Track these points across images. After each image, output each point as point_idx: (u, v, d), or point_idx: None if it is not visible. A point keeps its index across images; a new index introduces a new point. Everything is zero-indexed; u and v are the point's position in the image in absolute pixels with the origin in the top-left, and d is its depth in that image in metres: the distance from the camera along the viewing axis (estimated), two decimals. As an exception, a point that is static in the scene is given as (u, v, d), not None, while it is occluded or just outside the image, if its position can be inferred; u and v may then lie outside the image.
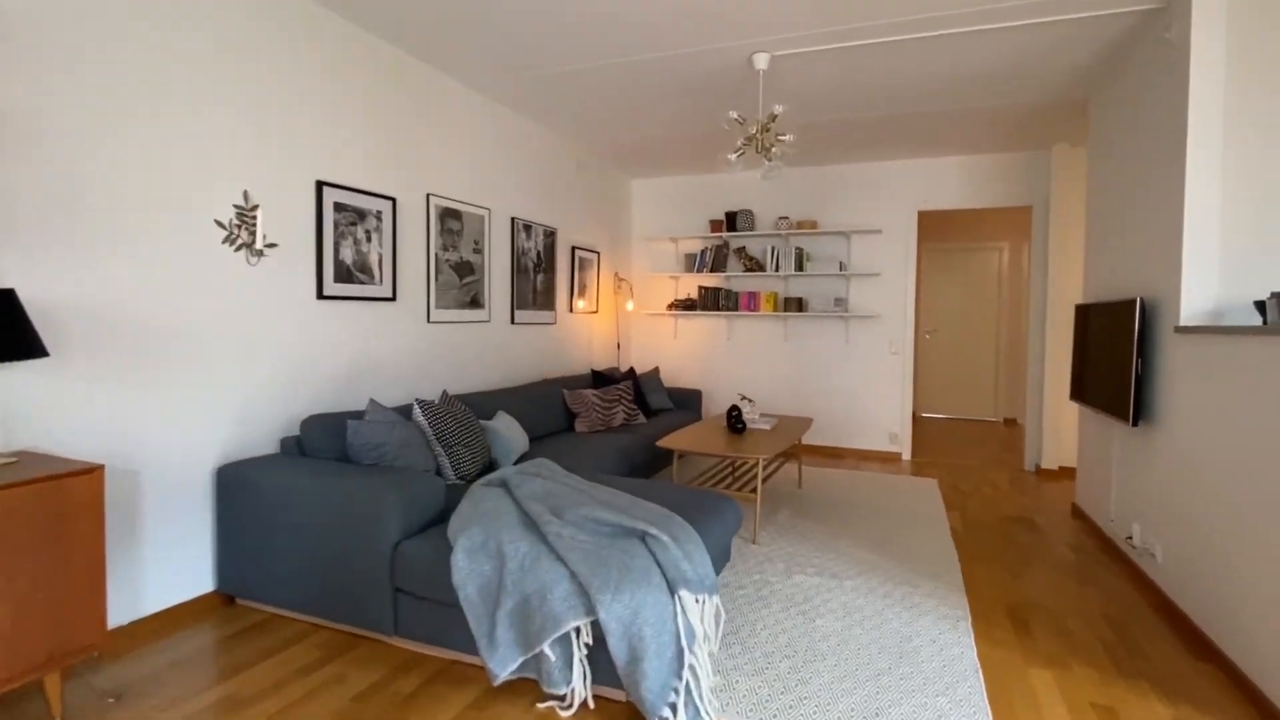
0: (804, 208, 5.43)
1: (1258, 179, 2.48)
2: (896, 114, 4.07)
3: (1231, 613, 2.13)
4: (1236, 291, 2.50)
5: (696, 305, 5.58)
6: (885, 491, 4.18)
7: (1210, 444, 2.32)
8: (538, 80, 3.56)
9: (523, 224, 4.17)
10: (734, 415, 3.55)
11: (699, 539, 2.09)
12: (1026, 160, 4.93)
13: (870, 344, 5.31)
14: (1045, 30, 2.94)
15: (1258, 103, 2.47)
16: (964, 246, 7.57)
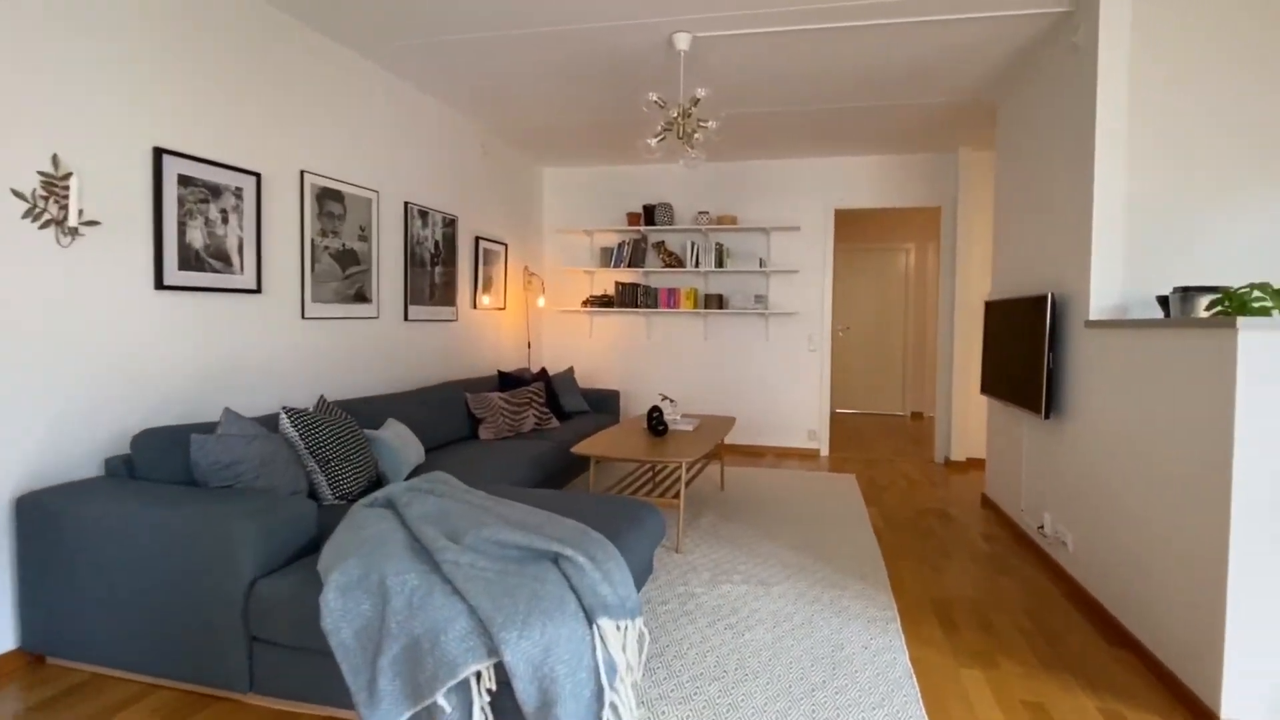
0: (724, 203, 5.40)
1: (1159, 180, 2.62)
2: (816, 108, 4.08)
3: (1142, 599, 2.20)
4: (1141, 287, 2.63)
5: (613, 302, 5.40)
6: (807, 489, 4.18)
7: (1117, 434, 2.41)
8: (433, 49, 3.24)
9: (418, 210, 3.82)
10: (654, 417, 3.39)
11: (620, 556, 1.90)
12: (935, 162, 5.14)
13: (789, 341, 5.35)
14: (959, 29, 3.00)
15: (1160, 107, 2.61)
16: (873, 246, 7.88)
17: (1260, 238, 2.57)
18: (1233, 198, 2.57)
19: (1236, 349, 1.73)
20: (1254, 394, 1.72)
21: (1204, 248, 2.61)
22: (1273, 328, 1.69)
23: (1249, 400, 1.73)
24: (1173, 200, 2.61)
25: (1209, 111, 2.57)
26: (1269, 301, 1.95)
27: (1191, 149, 2.60)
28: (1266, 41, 2.51)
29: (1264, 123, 2.53)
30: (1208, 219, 2.59)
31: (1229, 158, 2.57)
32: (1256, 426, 1.72)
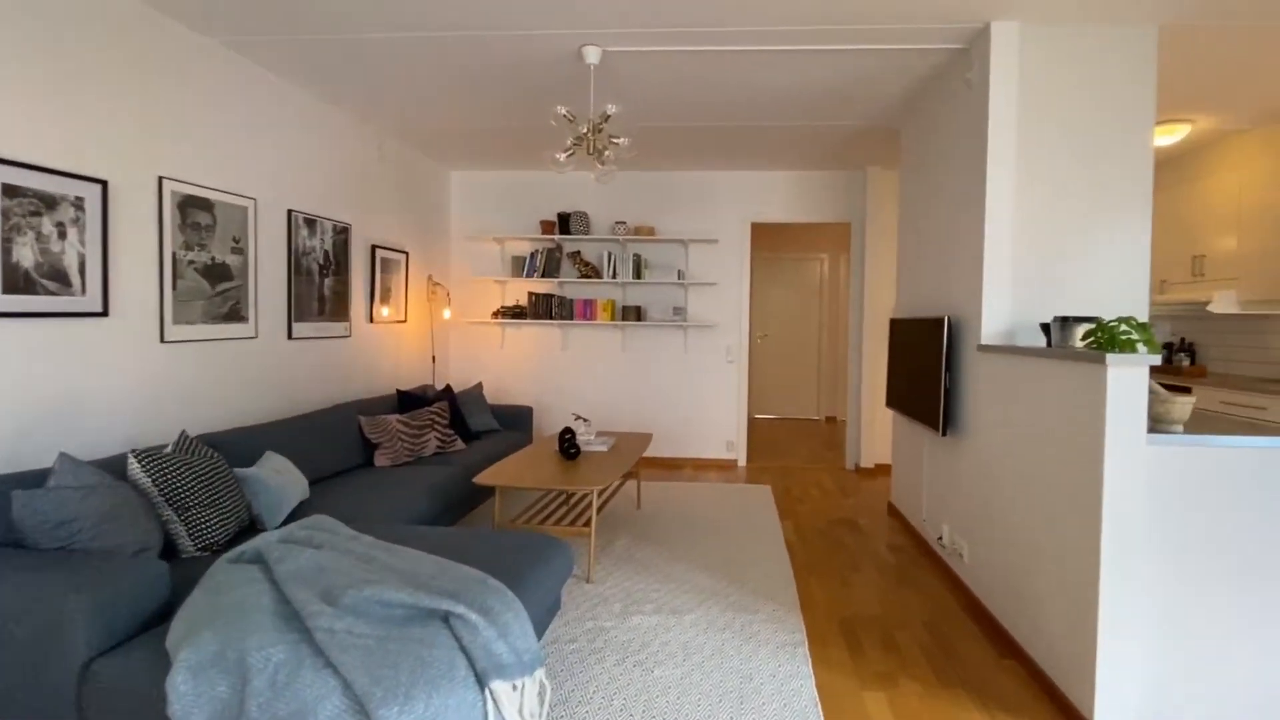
0: (642, 213, 5.38)
1: (1044, 211, 2.81)
2: (732, 125, 4.14)
3: (1027, 611, 2.35)
4: (1031, 311, 2.82)
5: (526, 313, 5.26)
6: (723, 504, 4.23)
7: (1005, 452, 2.57)
8: (321, 48, 3.02)
9: (304, 218, 3.54)
10: (566, 439, 3.31)
11: (519, 605, 1.82)
12: (845, 179, 5.35)
13: (708, 353, 5.41)
14: (865, 59, 3.11)
15: (1046, 144, 2.80)
16: (790, 256, 8.15)
17: (1128, 265, 2.81)
18: (1105, 230, 2.81)
19: (1106, 381, 1.87)
20: (1120, 420, 1.87)
21: (1085, 275, 2.83)
22: (1134, 364, 1.84)
23: (1116, 426, 1.87)
24: (1056, 231, 2.81)
25: (1085, 150, 2.79)
26: (1134, 334, 2.13)
27: (1070, 184, 2.81)
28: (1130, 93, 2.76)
29: (1128, 162, 2.78)
30: (1086, 249, 2.81)
31: (1104, 193, 2.80)
32: (1122, 450, 1.87)
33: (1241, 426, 2.12)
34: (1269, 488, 1.90)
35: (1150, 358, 1.85)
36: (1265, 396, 3.70)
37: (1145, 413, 1.87)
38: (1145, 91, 2.77)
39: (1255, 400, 3.77)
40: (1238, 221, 4.26)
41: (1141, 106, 2.78)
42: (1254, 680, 1.93)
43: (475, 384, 4.68)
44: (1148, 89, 2.77)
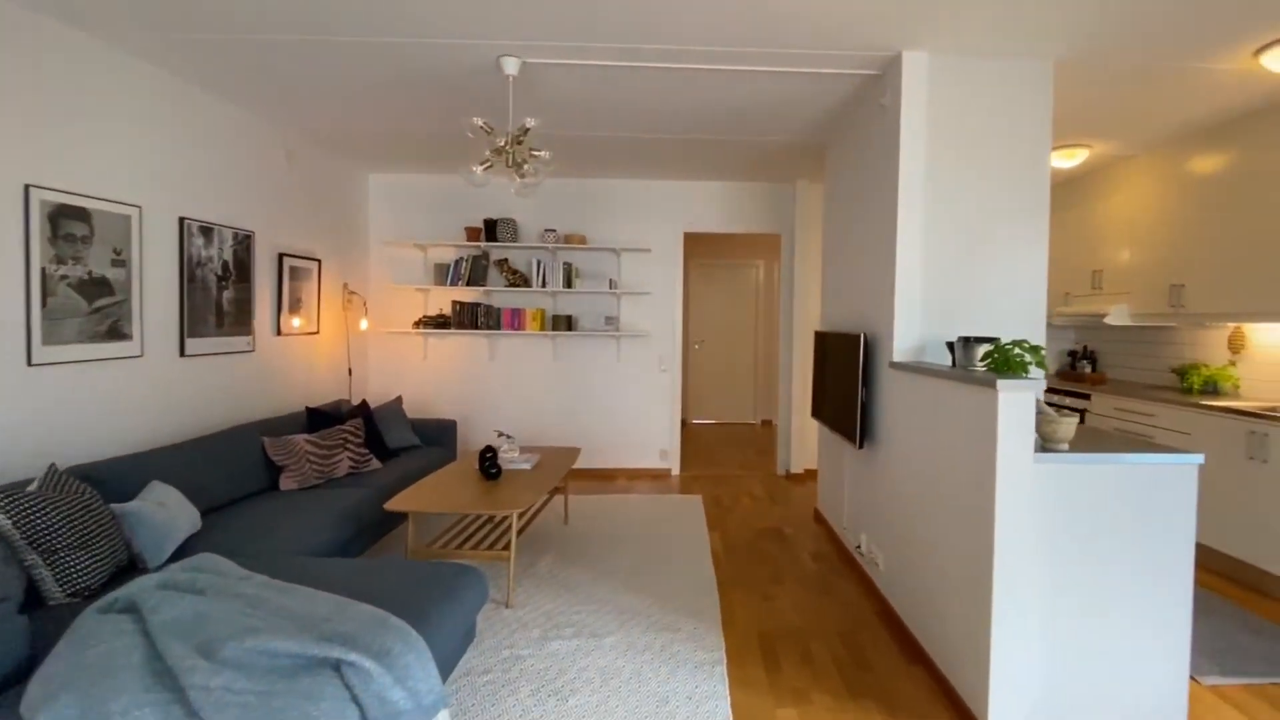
0: (573, 221, 5.35)
1: (954, 232, 2.96)
2: (661, 138, 4.17)
3: (932, 617, 2.48)
4: (942, 328, 2.97)
5: (451, 323, 5.14)
6: (653, 516, 4.26)
7: (913, 465, 2.70)
8: (216, 48, 2.85)
9: (199, 225, 3.34)
10: (487, 458, 3.26)
11: (422, 644, 1.78)
12: (776, 192, 5.49)
13: (641, 362, 5.44)
14: (786, 81, 3.20)
15: (954, 167, 2.95)
16: (728, 262, 8.31)
17: (1028, 283, 3.00)
18: (1007, 250, 2.98)
19: (997, 404, 2.00)
20: (1009, 439, 2.00)
21: (990, 292, 3.00)
22: (1022, 388, 1.97)
23: (1006, 445, 2.00)
24: (964, 250, 2.97)
25: (989, 174, 2.96)
26: (1027, 356, 2.29)
27: (977, 206, 2.97)
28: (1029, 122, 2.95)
29: (1028, 186, 2.97)
30: (991, 267, 2.99)
31: (1006, 215, 2.98)
32: (1011, 467, 2.00)
33: (1118, 442, 2.30)
34: (1132, 500, 2.08)
35: (1037, 383, 1.98)
36: (1153, 404, 4.03)
37: (1032, 433, 2.01)
38: (1042, 121, 2.97)
39: (1145, 408, 4.11)
40: (1130, 239, 4.62)
41: (1039, 134, 2.97)
42: (1133, 679, 2.10)
43: (395, 398, 4.54)
44: (1044, 118, 2.96)
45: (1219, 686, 2.41)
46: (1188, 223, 4.09)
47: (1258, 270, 3.60)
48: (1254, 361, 4.03)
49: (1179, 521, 2.09)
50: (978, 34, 2.72)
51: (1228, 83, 3.23)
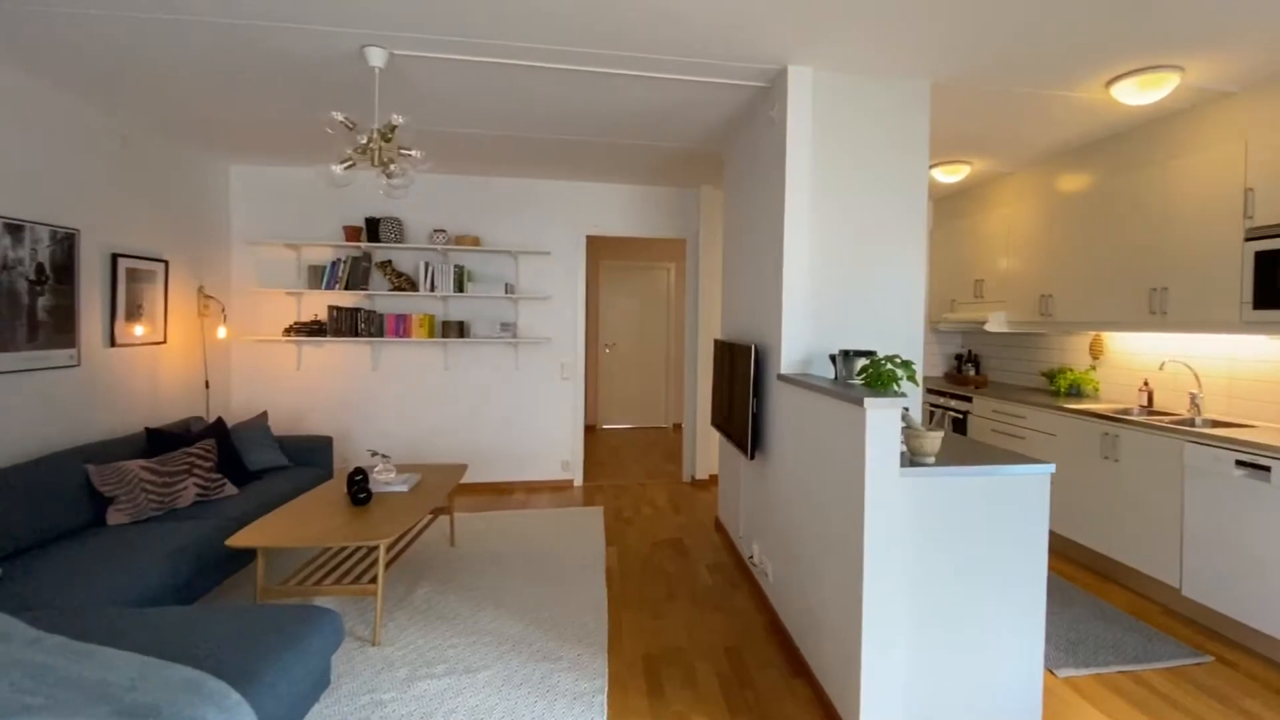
0: (465, 221, 5.14)
1: (840, 245, 3.04)
2: (552, 138, 4.07)
3: (813, 629, 2.52)
4: (826, 340, 3.04)
5: (327, 329, 4.81)
6: (549, 532, 4.15)
7: (796, 477, 2.74)
8: (25, 20, 2.49)
9: (3, 224, 2.92)
10: (356, 482, 3.04)
11: (245, 708, 1.60)
12: (680, 197, 5.50)
13: (541, 370, 5.31)
14: (678, 87, 3.19)
15: (840, 181, 3.02)
16: (639, 264, 8.30)
17: (908, 294, 3.13)
18: (890, 262, 3.10)
19: (865, 420, 2.04)
20: (876, 454, 2.04)
21: (873, 304, 3.10)
22: (889, 405, 2.02)
23: (873, 459, 2.04)
24: (850, 263, 3.06)
25: (873, 188, 3.06)
26: (900, 371, 2.36)
27: (861, 219, 3.07)
28: (908, 139, 3.07)
29: (908, 201, 3.09)
30: (874, 279, 3.09)
31: (889, 228, 3.09)
32: (878, 481, 2.05)
33: (983, 452, 2.42)
34: (991, 509, 2.19)
35: (901, 400, 2.04)
36: (1024, 407, 4.33)
37: (898, 448, 2.06)
38: (921, 138, 3.10)
39: (1017, 410, 4.41)
40: (1007, 251, 4.95)
41: (918, 151, 3.11)
42: (993, 680, 2.20)
43: (259, 414, 4.18)
44: (922, 136, 3.10)
45: (1073, 678, 2.58)
46: (1055, 237, 4.43)
47: (1112, 283, 3.93)
48: (1111, 366, 4.41)
49: (1033, 527, 2.22)
50: (859, 52, 2.80)
51: (1085, 110, 3.50)
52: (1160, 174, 3.59)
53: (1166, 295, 3.54)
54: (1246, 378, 3.47)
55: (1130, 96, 3.14)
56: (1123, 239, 3.85)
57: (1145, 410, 3.96)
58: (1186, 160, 3.44)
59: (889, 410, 2.03)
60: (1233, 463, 2.91)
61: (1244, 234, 3.12)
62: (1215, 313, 3.26)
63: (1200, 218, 3.36)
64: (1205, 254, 3.32)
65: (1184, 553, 3.16)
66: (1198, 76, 3.05)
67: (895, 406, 2.03)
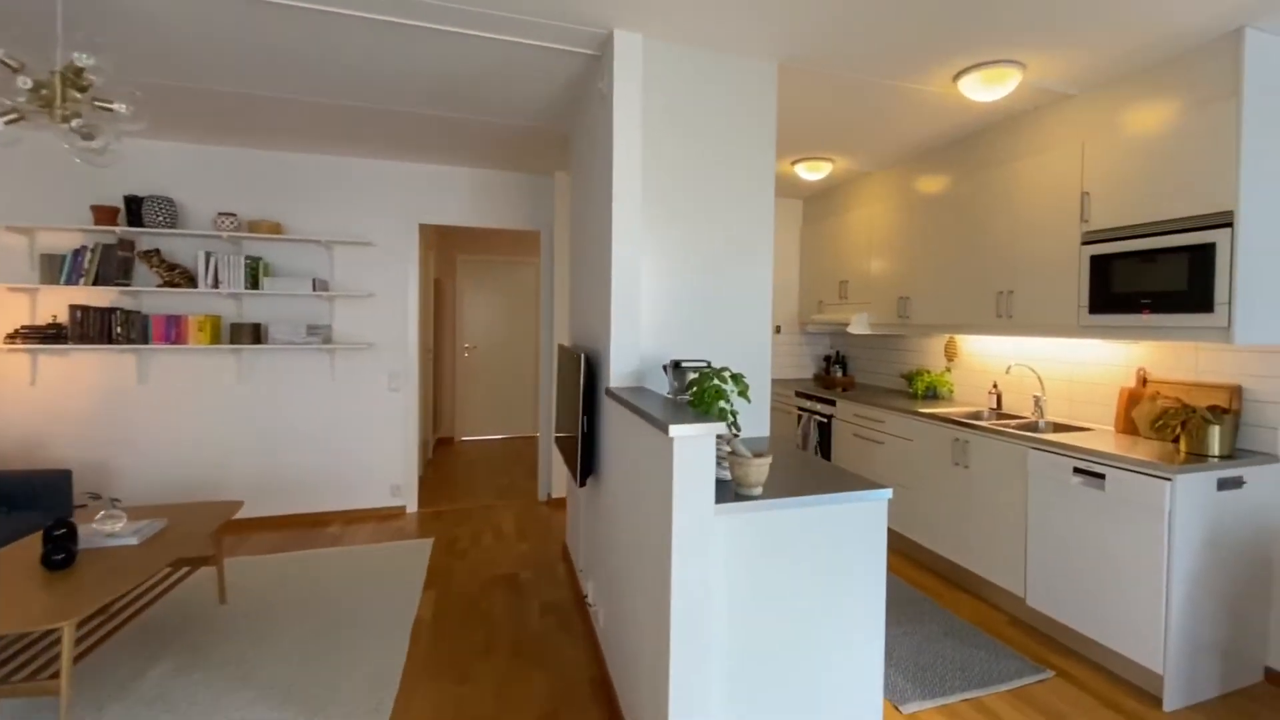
0: (262, 204, 4.41)
1: (681, 240, 2.72)
2: (374, 108, 3.50)
3: (632, 684, 2.19)
4: (667, 349, 2.72)
5: (68, 334, 3.93)
6: (355, 576, 3.58)
7: (620, 507, 2.40)
8: None
9: None
10: (55, 539, 2.36)
11: None
12: (533, 184, 5.05)
13: (364, 380, 4.67)
14: (498, 49, 2.77)
15: (681, 170, 2.71)
16: (502, 259, 7.76)
17: (756, 297, 2.89)
18: (736, 263, 2.84)
19: (672, 449, 1.72)
20: (686, 486, 1.73)
21: (718, 308, 2.82)
22: (701, 432, 1.71)
23: (683, 493, 1.73)
24: (696, 261, 2.76)
25: (718, 180, 2.78)
26: (732, 385, 2.08)
27: (705, 212, 2.78)
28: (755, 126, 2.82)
29: (754, 196, 2.85)
30: (720, 281, 2.81)
31: (734, 226, 2.82)
32: (688, 517, 1.74)
33: (822, 477, 2.18)
34: (823, 542, 1.95)
35: (717, 425, 1.74)
36: (883, 411, 4.29)
37: (711, 480, 1.76)
38: (767, 125, 2.87)
39: (876, 414, 4.37)
40: (869, 252, 4.94)
41: (764, 140, 2.87)
42: (826, 744, 1.97)
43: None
44: (769, 122, 2.87)
45: (917, 713, 2.43)
46: (912, 239, 4.43)
47: (963, 286, 3.94)
48: (964, 368, 4.48)
49: (870, 561, 2.00)
50: (695, 20, 2.51)
51: (939, 107, 3.45)
52: (1006, 175, 3.61)
53: (1012, 298, 3.56)
54: (1084, 381, 3.55)
55: (976, 92, 3.09)
56: (973, 241, 3.87)
57: (995, 413, 4.01)
58: (1030, 162, 3.46)
59: (700, 438, 1.72)
60: (1070, 469, 2.91)
61: (1081, 237, 3.15)
62: (1056, 317, 3.28)
63: (1042, 221, 3.38)
64: (1047, 257, 3.35)
65: (1028, 561, 3.15)
66: (1038, 74, 3.04)
67: (708, 433, 1.72)
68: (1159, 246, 2.76)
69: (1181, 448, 2.77)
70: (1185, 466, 2.51)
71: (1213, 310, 2.56)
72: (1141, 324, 2.83)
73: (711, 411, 1.96)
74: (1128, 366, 3.31)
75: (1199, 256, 2.60)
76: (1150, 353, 3.21)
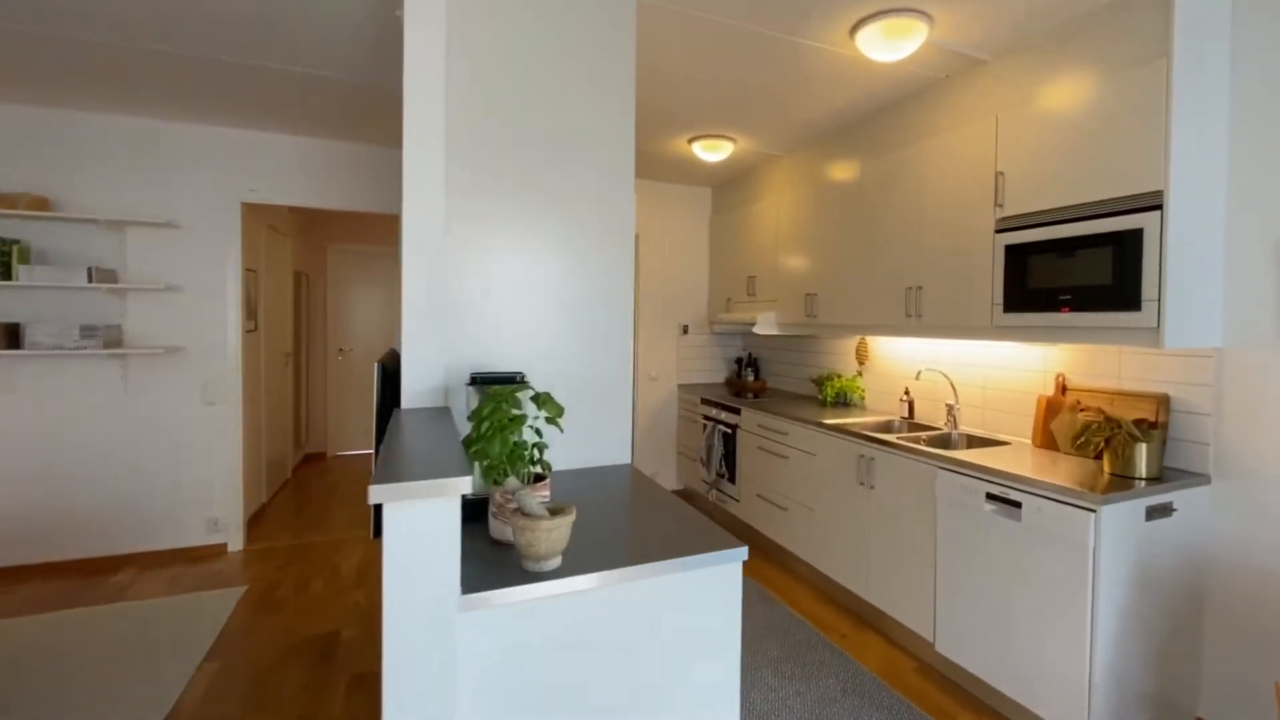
0: (25, 174, 3.57)
1: (513, 226, 2.15)
2: (157, 50, 2.78)
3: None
4: (493, 357, 2.15)
5: None
6: (123, 642, 2.84)
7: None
8: None
9: None
10: None
11: None
12: (385, 157, 4.36)
13: (170, 393, 3.88)
14: None
15: (503, 127, 2.13)
16: (380, 249, 7.01)
17: (613, 294, 2.36)
18: (596, 247, 2.29)
19: (386, 529, 1.15)
20: (409, 576, 1.17)
21: (562, 306, 2.28)
22: (424, 502, 1.14)
23: (394, 582, 1.17)
24: (538, 242, 2.20)
25: (564, 141, 2.22)
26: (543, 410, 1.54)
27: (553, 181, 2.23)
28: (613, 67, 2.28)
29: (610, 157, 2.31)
30: (576, 269, 2.27)
31: (586, 200, 2.28)
32: (412, 625, 1.17)
33: (669, 532, 1.66)
34: (626, 633, 1.42)
35: (459, 482, 1.17)
36: (786, 421, 3.85)
37: (451, 562, 1.20)
38: (626, 75, 2.33)
39: (779, 425, 3.93)
40: (776, 245, 4.50)
41: (622, 93, 2.33)
42: None
43: None
44: (627, 71, 2.33)
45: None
46: (819, 230, 4.01)
47: (871, 281, 3.54)
48: (876, 373, 4.10)
49: (719, 642, 1.50)
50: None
51: (841, 72, 3.04)
52: (916, 156, 3.22)
53: (921, 295, 3.17)
54: (1000, 387, 3.19)
55: (877, 49, 2.67)
56: (880, 231, 3.47)
57: (906, 422, 3.63)
58: (940, 140, 3.07)
59: (430, 509, 1.15)
60: (983, 495, 2.51)
61: (995, 224, 2.77)
62: (968, 316, 2.90)
63: (954, 206, 3.00)
64: (958, 248, 2.96)
65: (936, 601, 2.74)
66: (946, 33, 2.65)
67: (452, 495, 1.15)
68: (1080, 234, 2.38)
69: (1105, 467, 2.40)
70: (1111, 496, 2.12)
71: (1139, 308, 2.19)
72: (1060, 323, 2.46)
73: (492, 451, 1.40)
74: (1045, 372, 2.96)
75: (1124, 245, 2.23)
76: (1070, 357, 2.86)
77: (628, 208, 2.36)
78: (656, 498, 1.89)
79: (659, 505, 1.81)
